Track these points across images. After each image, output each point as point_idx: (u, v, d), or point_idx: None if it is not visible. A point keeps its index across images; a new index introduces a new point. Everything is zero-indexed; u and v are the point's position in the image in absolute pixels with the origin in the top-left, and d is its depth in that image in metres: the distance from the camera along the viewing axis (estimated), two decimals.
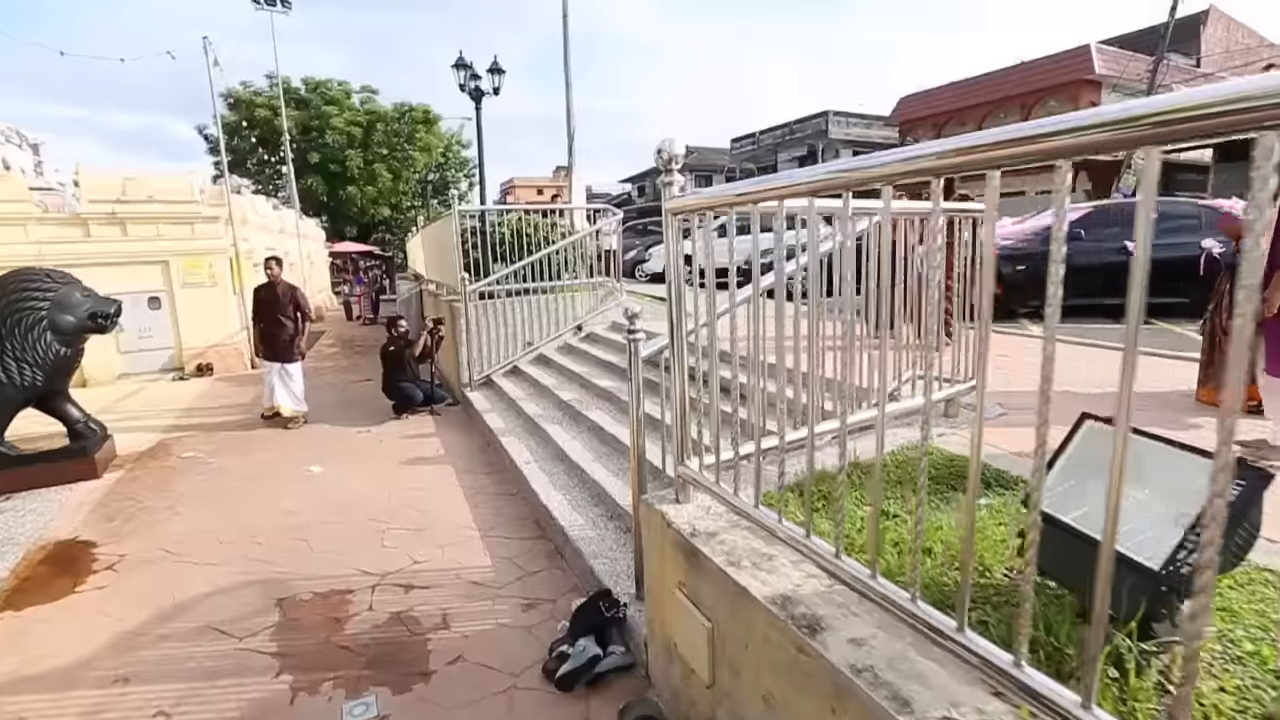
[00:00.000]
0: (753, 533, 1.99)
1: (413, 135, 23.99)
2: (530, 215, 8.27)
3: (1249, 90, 0.72)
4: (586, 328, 7.31)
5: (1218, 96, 0.75)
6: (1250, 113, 0.72)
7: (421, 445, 5.49)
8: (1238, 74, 27.59)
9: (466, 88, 7.01)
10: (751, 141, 42.77)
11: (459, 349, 6.83)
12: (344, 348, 12.40)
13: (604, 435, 4.46)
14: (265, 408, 6.53)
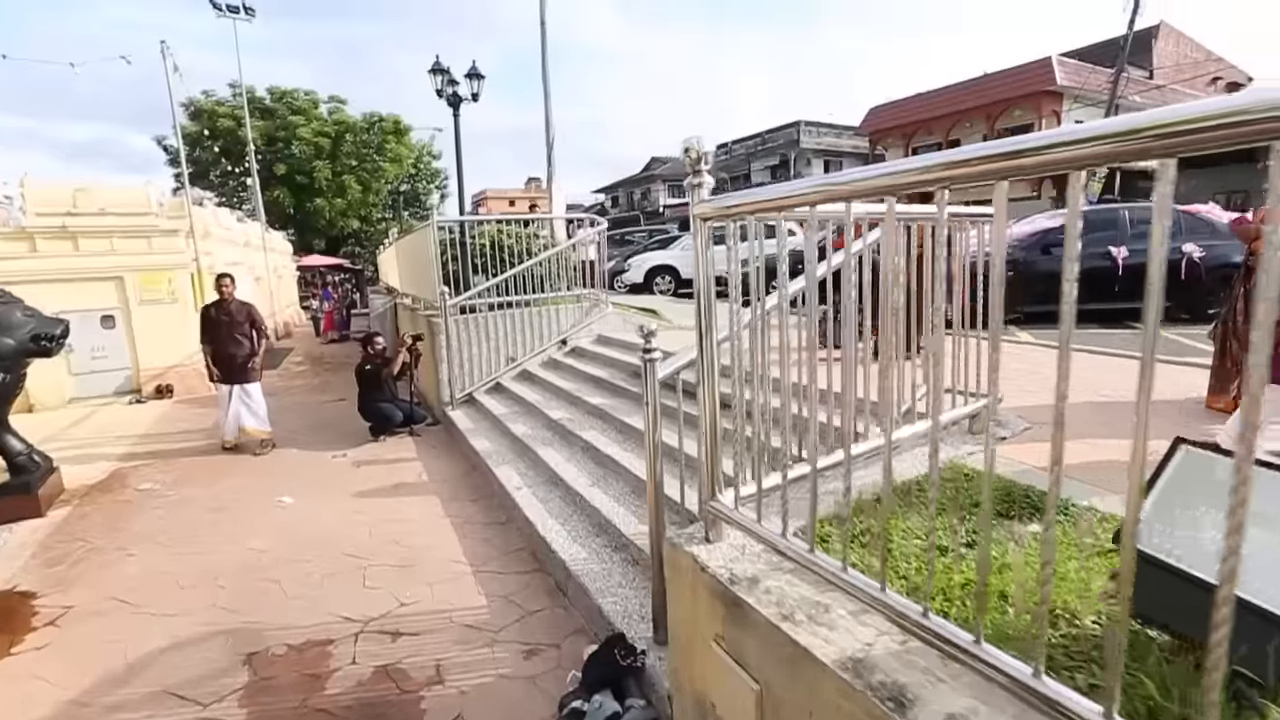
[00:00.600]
0: (798, 575, 1.77)
1: (383, 146, 23.50)
2: (509, 226, 8.00)
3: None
4: (571, 341, 7.06)
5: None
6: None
7: (402, 470, 5.15)
8: (1189, 86, 28.67)
9: (444, 93, 6.74)
10: (724, 151, 43.09)
11: (439, 366, 6.51)
12: (314, 365, 11.90)
13: (600, 457, 4.21)
14: (224, 440, 6.07)
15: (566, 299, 7.23)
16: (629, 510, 3.47)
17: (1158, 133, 0.82)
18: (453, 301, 6.24)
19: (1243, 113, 0.74)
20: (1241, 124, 0.74)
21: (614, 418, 4.70)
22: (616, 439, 4.39)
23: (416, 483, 4.84)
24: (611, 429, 4.63)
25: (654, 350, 2.30)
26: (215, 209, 11.13)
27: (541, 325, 6.88)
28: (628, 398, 5.07)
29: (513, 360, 6.76)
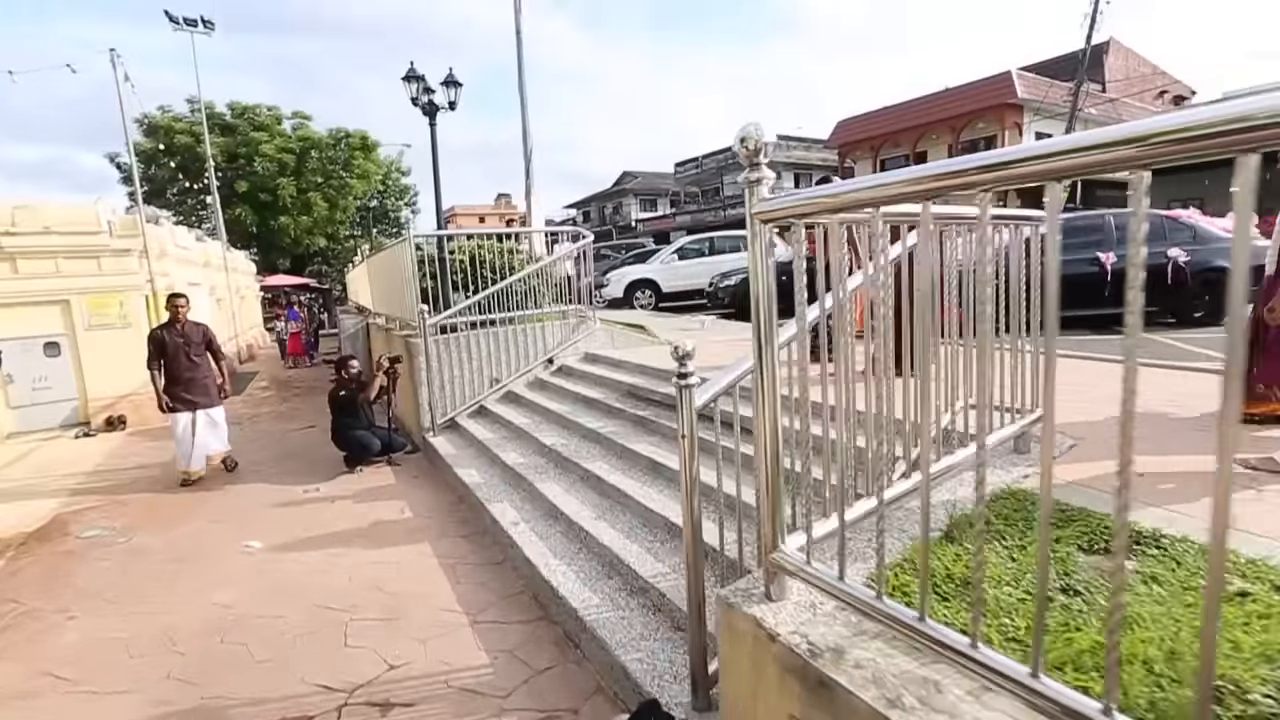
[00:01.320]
0: (886, 641, 1.48)
1: (350, 162, 22.92)
2: (488, 240, 7.65)
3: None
4: (558, 360, 6.73)
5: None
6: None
7: (382, 504, 4.73)
8: (1139, 99, 29.77)
9: (419, 102, 6.42)
10: (695, 165, 43.45)
11: (418, 389, 6.11)
12: (280, 390, 11.29)
13: (602, 486, 3.88)
14: (181, 471, 5.60)
15: (551, 316, 6.90)
16: (642, 547, 3.15)
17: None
18: (432, 321, 5.86)
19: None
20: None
21: (613, 442, 4.38)
22: (619, 466, 4.07)
23: (399, 519, 4.43)
24: (611, 455, 4.31)
25: (690, 375, 1.99)
26: (172, 227, 10.54)
27: (526, 344, 6.55)
28: (625, 420, 4.77)
29: (496, 381, 6.40)
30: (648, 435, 4.40)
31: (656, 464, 3.88)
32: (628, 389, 5.34)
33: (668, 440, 4.21)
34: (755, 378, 1.65)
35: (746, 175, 1.51)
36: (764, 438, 1.66)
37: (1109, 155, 0.91)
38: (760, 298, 1.58)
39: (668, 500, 3.47)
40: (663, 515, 3.30)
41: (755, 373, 1.64)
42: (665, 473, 3.78)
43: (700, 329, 8.64)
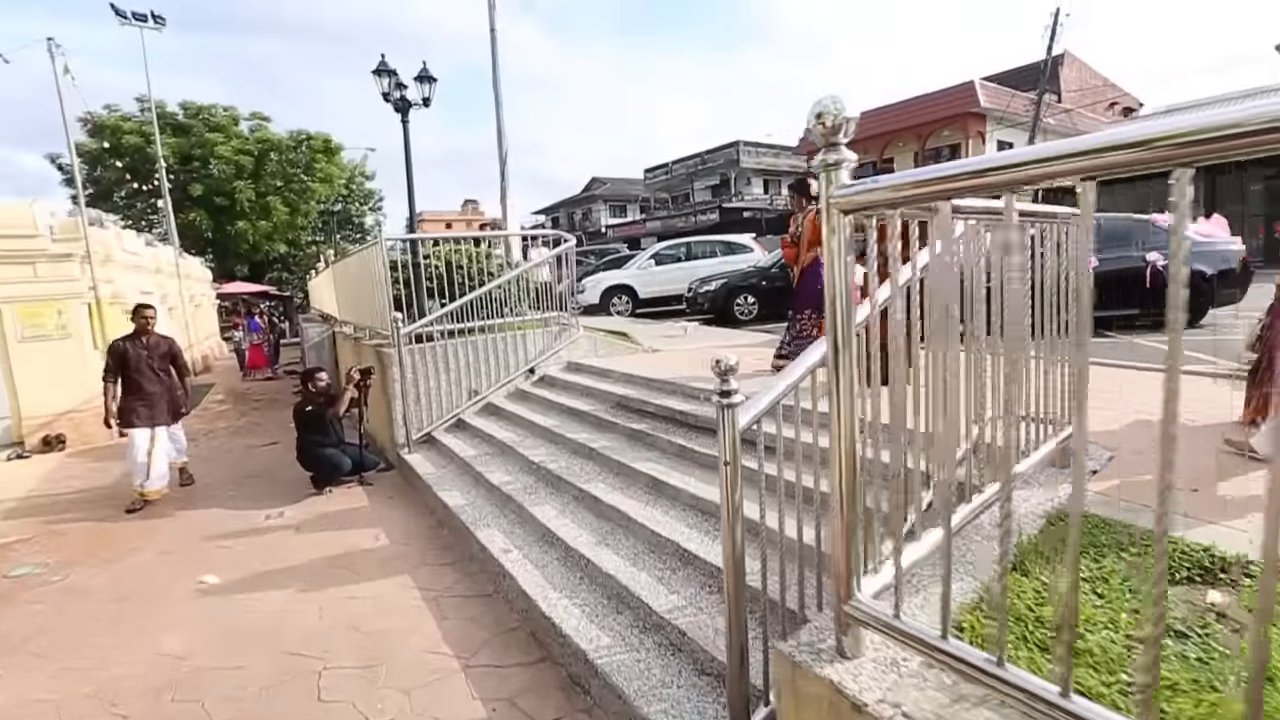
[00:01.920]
0: (994, 710, 1.24)
1: (311, 165, 22.14)
2: (463, 245, 7.29)
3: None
4: (540, 370, 6.42)
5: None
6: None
7: (355, 530, 4.35)
8: (1091, 110, 30.83)
9: (391, 97, 6.04)
10: (665, 171, 43.50)
11: (391, 403, 5.72)
12: (239, 404, 10.66)
13: (600, 508, 3.59)
14: (136, 492, 5.14)
15: (532, 324, 6.58)
16: (652, 576, 2.87)
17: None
18: (406, 329, 5.49)
19: None
20: None
21: (608, 459, 4.10)
22: (617, 485, 3.79)
23: (375, 546, 4.06)
24: (607, 472, 4.02)
25: (734, 392, 1.73)
26: (119, 231, 9.86)
27: (506, 353, 6.22)
28: (618, 435, 4.49)
29: (475, 393, 6.05)
30: (645, 450, 4.13)
31: (658, 482, 3.62)
32: (617, 400, 5.07)
33: (667, 456, 3.95)
34: (831, 396, 1.40)
35: (823, 158, 1.26)
36: (839, 465, 1.42)
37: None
38: (838, 304, 1.33)
39: (674, 522, 3.21)
40: (671, 540, 3.03)
41: (831, 390, 1.39)
42: (668, 491, 3.52)
43: (683, 335, 8.43)
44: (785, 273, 11.05)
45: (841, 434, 1.39)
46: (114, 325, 8.17)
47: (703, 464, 3.72)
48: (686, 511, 3.31)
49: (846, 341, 1.35)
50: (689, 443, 3.93)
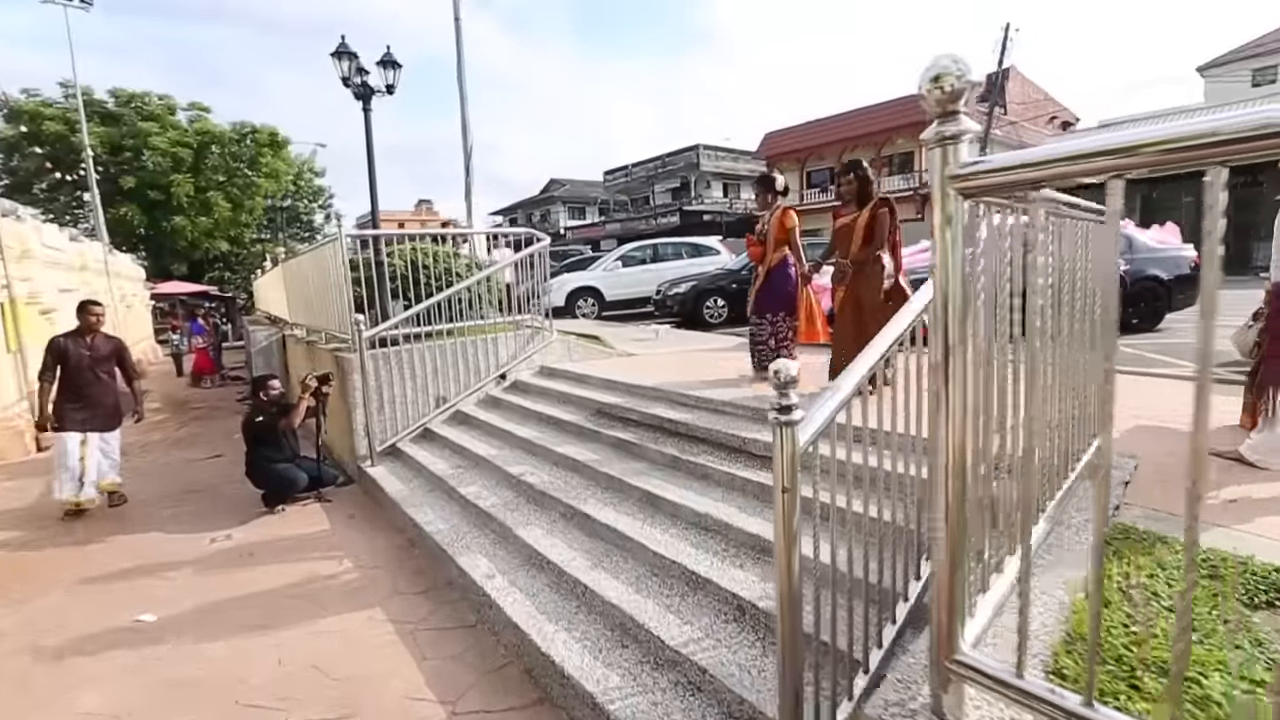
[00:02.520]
0: None
1: (256, 159, 21.02)
2: (428, 244, 6.89)
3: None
4: (511, 375, 6.10)
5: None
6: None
7: (315, 555, 3.94)
8: (1034, 123, 32.18)
9: (351, 82, 5.60)
10: (624, 174, 43.41)
11: (352, 412, 5.29)
12: (177, 413, 9.88)
13: (593, 527, 3.32)
14: (66, 502, 4.68)
15: (503, 327, 6.25)
16: (658, 603, 2.62)
17: None
18: (369, 333, 5.08)
19: None
20: None
21: (595, 471, 3.83)
22: (608, 500, 3.52)
23: (339, 573, 3.67)
24: (595, 486, 3.75)
25: (794, 408, 1.48)
26: (38, 224, 8.99)
27: (476, 358, 5.87)
28: (603, 445, 4.23)
29: (443, 401, 5.69)
30: (633, 462, 3.88)
31: (653, 497, 3.37)
32: (598, 408, 4.81)
33: (658, 468, 3.72)
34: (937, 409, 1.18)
35: (938, 129, 1.04)
36: (945, 495, 1.20)
37: None
38: (951, 300, 1.11)
39: (676, 542, 2.97)
40: (676, 562, 2.79)
41: (938, 403, 1.17)
42: (665, 507, 3.28)
43: (655, 339, 8.24)
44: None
45: (950, 459, 1.17)
46: (31, 327, 7.40)
47: (700, 476, 3.50)
48: (689, 530, 3.08)
49: (956, 348, 1.14)
50: (681, 453, 3.70)
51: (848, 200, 4.01)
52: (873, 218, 3.85)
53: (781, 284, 4.48)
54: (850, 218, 3.98)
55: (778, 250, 4.48)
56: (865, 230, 3.87)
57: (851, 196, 3.98)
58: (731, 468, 3.42)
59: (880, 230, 3.83)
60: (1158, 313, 7.72)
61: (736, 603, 2.48)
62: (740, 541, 2.87)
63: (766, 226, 4.52)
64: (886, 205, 3.89)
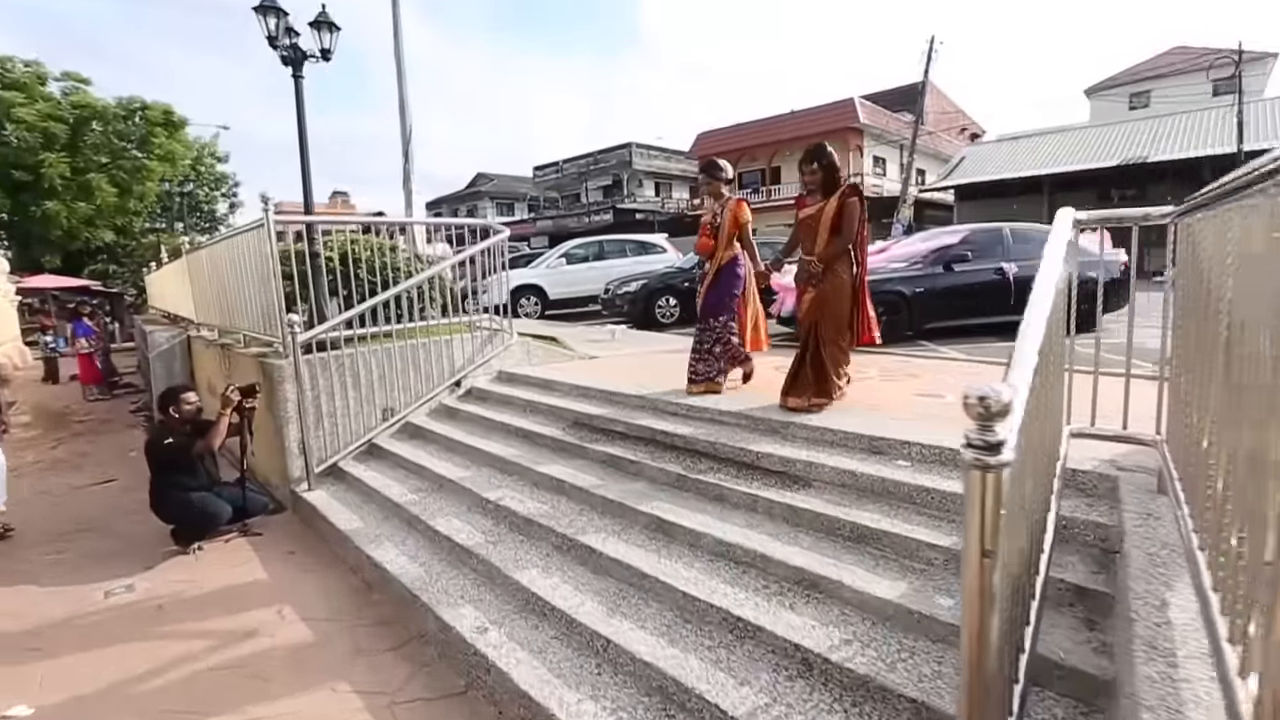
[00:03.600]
0: None
1: (147, 139, 18.79)
2: (366, 235, 6.14)
3: None
4: (467, 382, 5.50)
5: None
6: None
7: (249, 607, 3.24)
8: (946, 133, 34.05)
9: (279, 44, 4.79)
10: (555, 170, 42.64)
11: (283, 427, 4.55)
12: (51, 426, 8.49)
13: (598, 562, 2.87)
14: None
15: (456, 328, 5.64)
16: (702, 658, 2.21)
17: None
18: (306, 336, 4.36)
19: None
20: None
21: (587, 494, 3.38)
22: (610, 528, 3.08)
23: (283, 631, 3.01)
24: (590, 511, 3.29)
25: (1001, 443, 1.08)
26: None
27: (428, 363, 5.24)
28: (590, 462, 3.78)
29: (391, 412, 5.03)
30: (630, 481, 3.45)
31: (664, 524, 2.96)
32: (574, 418, 4.35)
33: (661, 488, 3.31)
34: None
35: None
36: None
37: None
38: None
39: (705, 578, 2.57)
40: (712, 604, 2.39)
41: None
42: (681, 535, 2.88)
43: (612, 340, 7.83)
44: None
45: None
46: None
47: (714, 497, 3.11)
48: (715, 563, 2.69)
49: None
50: (686, 471, 3.31)
51: (812, 190, 3.63)
52: (841, 207, 3.49)
53: (730, 284, 4.11)
54: (815, 208, 3.59)
55: (729, 247, 4.08)
56: (833, 221, 3.51)
57: (816, 186, 3.59)
58: (750, 487, 3.06)
59: (850, 222, 3.50)
60: (1094, 314, 8.05)
61: (800, 655, 2.11)
62: (782, 576, 2.51)
63: (720, 219, 4.09)
64: (856, 194, 3.54)
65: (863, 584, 2.33)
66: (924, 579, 2.34)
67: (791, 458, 3.16)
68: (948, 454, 2.92)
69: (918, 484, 2.75)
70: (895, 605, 2.20)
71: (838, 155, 3.74)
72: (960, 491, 2.63)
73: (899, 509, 2.72)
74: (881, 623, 2.21)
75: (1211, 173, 19.56)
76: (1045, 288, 1.72)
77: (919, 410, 3.77)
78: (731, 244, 4.08)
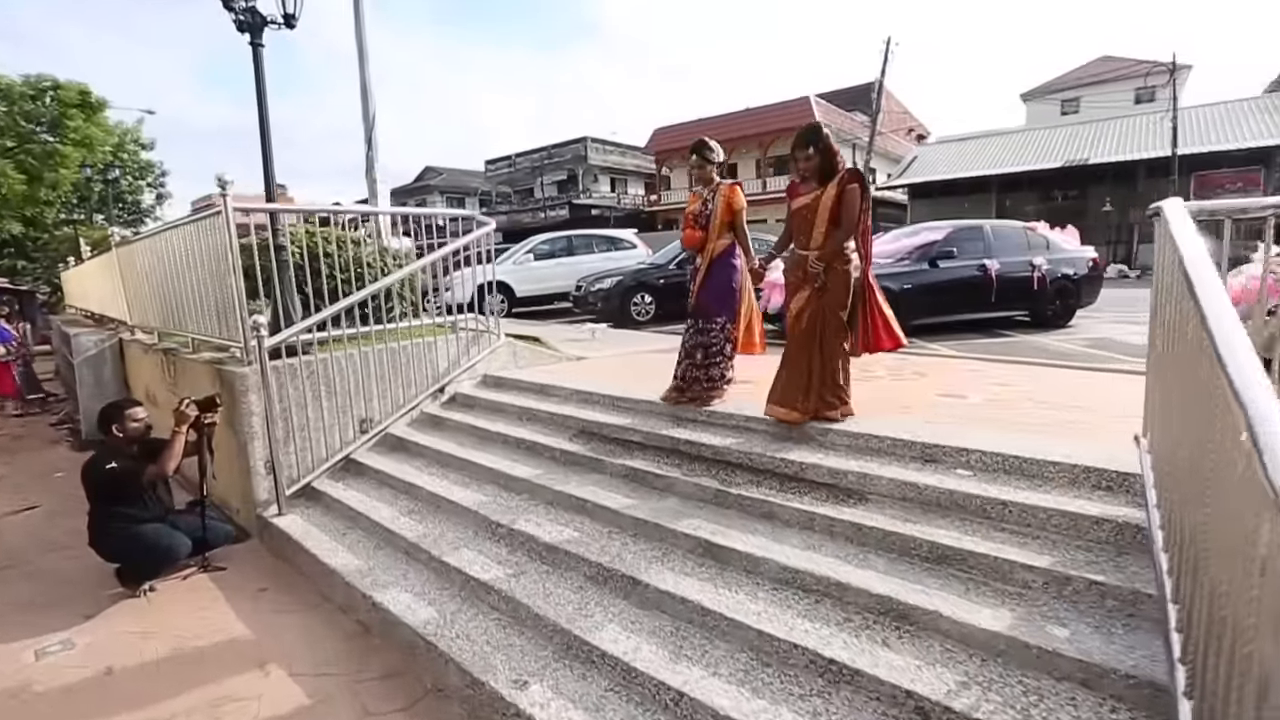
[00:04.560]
0: None
1: (60, 122, 17.09)
2: (315, 225, 5.56)
3: None
4: (451, 388, 5.05)
5: None
6: None
7: (220, 662, 2.74)
8: (895, 133, 34.97)
9: (235, 7, 4.17)
10: (508, 164, 41.72)
11: (246, 445, 4.00)
12: None
13: (644, 595, 2.53)
14: None
15: (437, 329, 5.17)
16: (796, 710, 1.91)
17: None
18: (273, 340, 3.83)
19: None
20: None
21: (613, 513, 3.03)
22: (651, 553, 2.74)
23: (268, 691, 2.52)
24: (621, 533, 2.95)
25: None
26: None
27: (408, 368, 4.76)
28: (605, 475, 3.46)
29: (369, 423, 4.53)
30: (659, 499, 3.12)
31: (713, 547, 2.66)
32: (580, 427, 4.00)
33: (699, 506, 3.00)
34: None
35: None
36: None
37: None
38: None
39: (775, 609, 2.28)
40: (794, 643, 2.10)
41: None
42: (736, 560, 2.58)
43: (593, 339, 7.49)
44: (684, 270, 10.51)
45: None
46: None
47: (762, 515, 2.83)
48: (781, 591, 2.39)
49: None
50: (724, 485, 3.02)
51: (806, 177, 3.22)
52: (840, 195, 3.07)
53: (727, 279, 3.66)
54: (811, 197, 3.16)
55: (722, 237, 3.66)
56: (832, 212, 3.10)
57: (812, 173, 3.15)
58: (801, 503, 2.78)
59: (850, 211, 3.09)
60: (1070, 310, 8.22)
61: (913, 703, 1.84)
62: (863, 606, 2.24)
63: (711, 207, 3.64)
64: (858, 180, 3.11)
65: (962, 613, 2.07)
66: (1026, 605, 2.11)
67: (840, 468, 2.90)
68: (1011, 462, 2.72)
69: (990, 496, 2.53)
70: (1006, 639, 1.96)
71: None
72: (1046, 505, 2.42)
73: (974, 524, 2.49)
74: (993, 659, 1.96)
75: (1146, 174, 20.62)
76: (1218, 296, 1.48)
77: (953, 412, 3.59)
78: (724, 233, 3.66)
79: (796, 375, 3.21)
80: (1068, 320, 8.22)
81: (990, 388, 4.12)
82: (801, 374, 3.20)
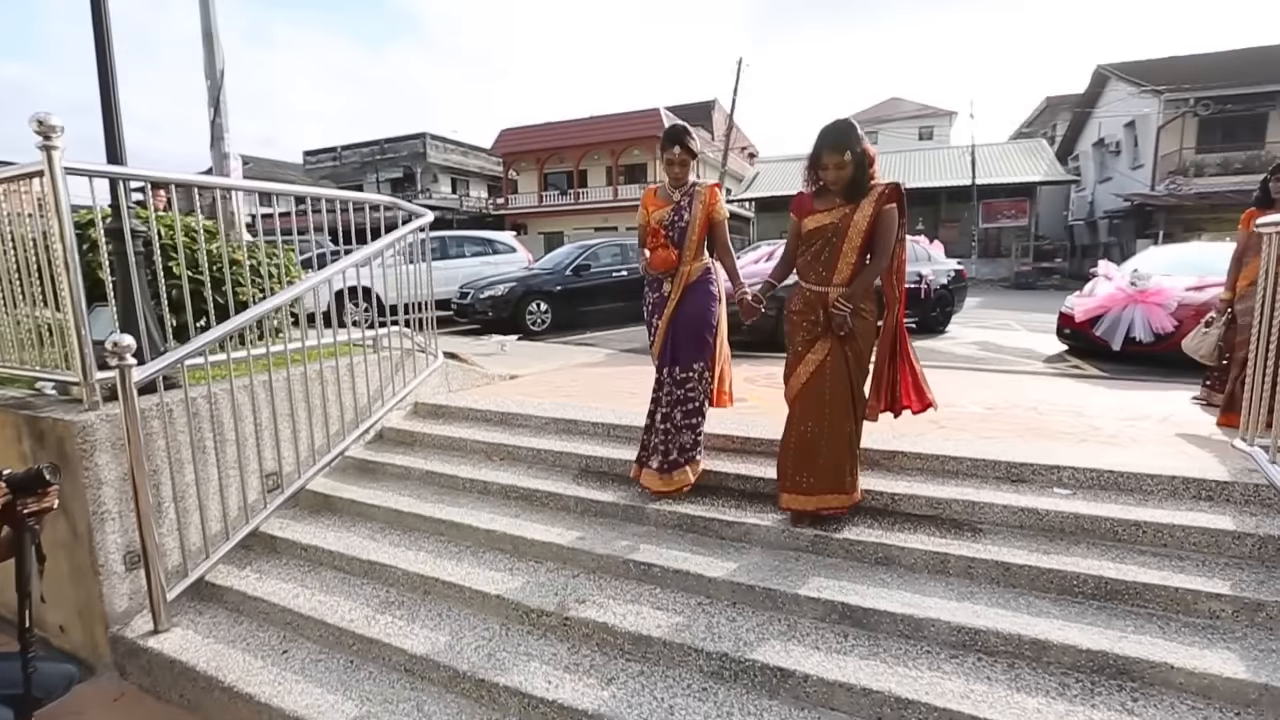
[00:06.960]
0: None
1: None
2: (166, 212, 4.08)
3: None
4: (380, 424, 3.98)
5: None
6: None
7: None
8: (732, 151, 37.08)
9: None
10: (332, 157, 37.53)
11: (94, 531, 2.65)
12: None
13: (805, 691, 1.98)
14: None
15: (351, 347, 4.02)
16: None
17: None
18: (144, 373, 2.56)
19: None
20: None
21: (702, 579, 2.42)
22: (773, 630, 2.19)
23: None
24: (716, 603, 2.35)
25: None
26: None
27: (323, 399, 3.61)
28: (651, 526, 2.85)
29: (276, 479, 3.34)
30: (741, 553, 2.58)
31: (851, 611, 2.21)
32: (582, 464, 3.31)
33: (790, 556, 2.54)
34: None
35: None
36: None
37: None
38: None
39: (973, 684, 1.91)
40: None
41: None
42: (882, 624, 2.15)
43: (502, 352, 6.67)
44: (581, 276, 9.86)
45: None
46: None
47: (873, 560, 2.43)
48: (962, 658, 1.99)
49: None
50: (820, 528, 2.55)
51: (830, 190, 2.47)
52: (876, 217, 2.41)
53: (705, 312, 2.85)
54: (836, 216, 2.44)
55: (699, 256, 2.86)
56: (865, 237, 2.43)
57: (840, 186, 2.42)
58: (919, 542, 2.42)
59: (888, 237, 2.44)
60: (948, 316, 9.05)
61: None
62: (1073, 665, 1.91)
63: (688, 216, 2.82)
64: (898, 197, 2.44)
65: (1191, 661, 1.83)
66: (1237, 642, 1.93)
67: (939, 497, 2.60)
68: (1106, 477, 2.61)
69: (1117, 517, 2.38)
70: (1255, 686, 1.74)
71: (650, 163, 2.77)
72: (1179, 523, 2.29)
73: (1113, 549, 2.33)
74: (1244, 710, 1.73)
75: (948, 198, 24.13)
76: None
77: (995, 426, 3.51)
78: (701, 252, 2.87)
79: (836, 447, 2.51)
80: (946, 326, 9.03)
81: (969, 396, 4.16)
82: (842, 446, 2.52)
